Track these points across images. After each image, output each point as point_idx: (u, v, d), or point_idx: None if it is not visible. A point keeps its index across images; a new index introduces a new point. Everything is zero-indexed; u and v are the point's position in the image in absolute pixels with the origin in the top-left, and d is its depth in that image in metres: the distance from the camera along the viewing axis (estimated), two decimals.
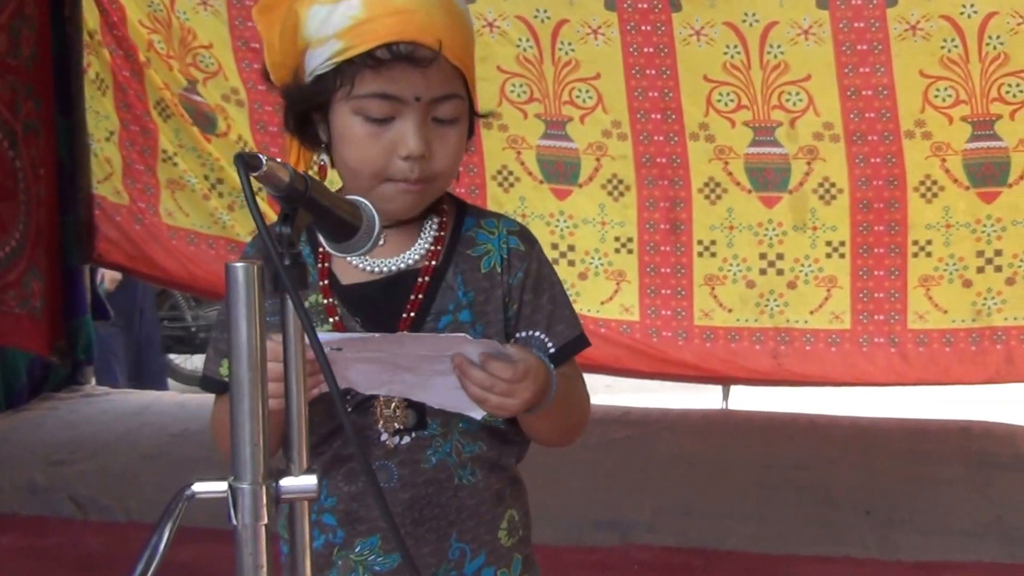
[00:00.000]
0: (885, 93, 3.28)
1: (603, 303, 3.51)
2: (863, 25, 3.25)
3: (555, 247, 3.51)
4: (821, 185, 3.39)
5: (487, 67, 3.34)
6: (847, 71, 3.29)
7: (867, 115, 3.31)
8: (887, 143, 3.32)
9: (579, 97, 3.44)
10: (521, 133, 3.50)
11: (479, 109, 1.31)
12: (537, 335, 1.30)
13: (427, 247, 1.28)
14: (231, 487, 0.86)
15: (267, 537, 0.86)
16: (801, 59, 3.30)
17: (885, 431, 3.37)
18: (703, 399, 4.05)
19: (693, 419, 3.52)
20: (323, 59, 1.20)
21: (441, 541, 1.29)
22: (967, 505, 2.85)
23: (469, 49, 1.25)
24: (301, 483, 0.89)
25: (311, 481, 0.89)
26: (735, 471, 3.07)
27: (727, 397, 3.85)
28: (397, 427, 1.26)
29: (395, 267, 1.27)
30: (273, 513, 0.87)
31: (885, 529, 2.76)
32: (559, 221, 3.53)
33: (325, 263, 1.29)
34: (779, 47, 3.30)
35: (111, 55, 3.79)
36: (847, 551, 2.69)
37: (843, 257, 3.39)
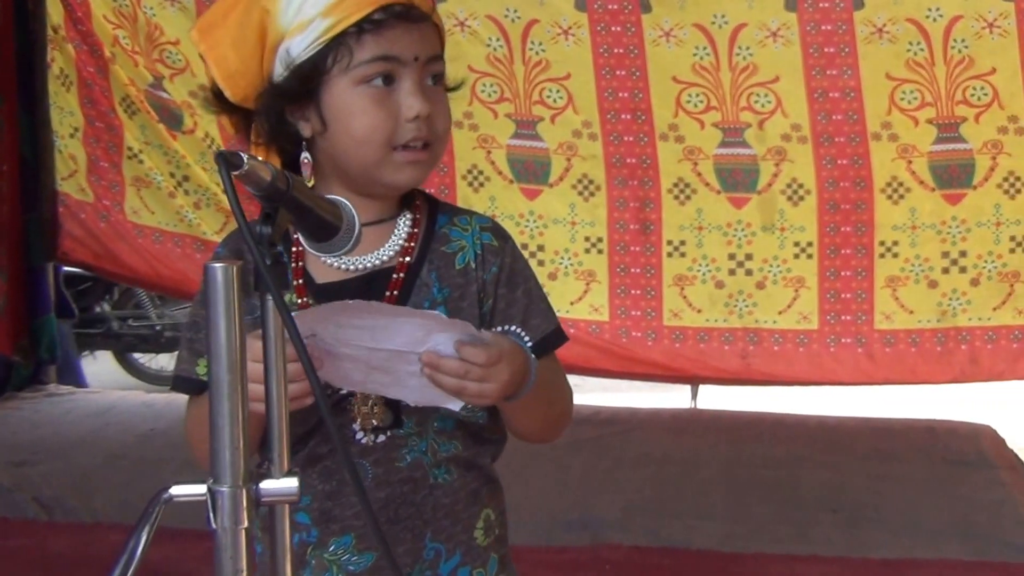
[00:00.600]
0: (852, 95, 3.27)
1: (573, 303, 3.47)
2: (831, 28, 3.25)
3: (525, 247, 3.46)
4: (789, 186, 3.37)
5: (458, 66, 3.25)
6: (815, 73, 3.28)
7: (834, 117, 3.30)
8: (854, 145, 3.31)
9: (549, 97, 3.40)
10: (491, 133, 3.45)
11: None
12: (513, 329, 1.28)
13: (401, 243, 1.26)
14: (211, 490, 0.84)
15: (247, 541, 0.85)
16: (770, 61, 3.29)
17: (852, 430, 3.36)
18: (671, 398, 4.02)
19: (662, 419, 3.49)
20: (310, 41, 1.18)
21: (416, 541, 1.27)
22: (933, 504, 2.84)
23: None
24: (282, 486, 0.87)
25: (292, 484, 0.87)
26: (704, 470, 3.05)
27: (695, 396, 3.83)
28: (375, 423, 1.24)
29: (369, 264, 1.25)
30: (253, 516, 0.86)
31: (852, 527, 2.74)
32: (529, 221, 3.49)
33: (299, 262, 1.27)
34: (748, 49, 3.29)
35: (76, 50, 3.70)
36: (815, 549, 2.67)
37: (811, 258, 3.38)
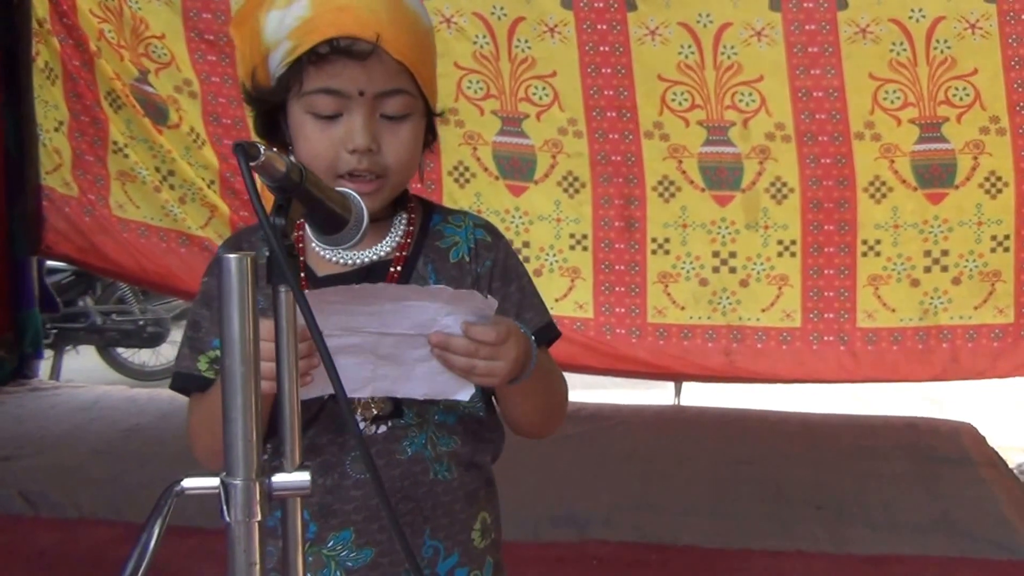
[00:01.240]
0: (836, 95, 3.24)
1: (557, 300, 3.42)
2: (814, 28, 3.21)
3: (510, 243, 3.41)
4: (773, 184, 3.33)
5: (444, 63, 3.20)
6: (799, 72, 3.24)
7: (818, 116, 3.26)
8: (837, 144, 3.27)
9: (535, 94, 3.35)
10: (477, 129, 3.40)
11: (436, 107, 1.28)
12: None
13: (398, 240, 1.27)
14: (223, 483, 0.83)
15: (260, 534, 0.83)
16: (754, 60, 3.25)
17: (834, 427, 3.33)
18: (655, 396, 3.98)
19: (646, 415, 3.45)
20: (278, 61, 1.20)
21: (415, 537, 1.25)
22: (915, 500, 2.81)
23: (418, 47, 1.22)
24: (294, 479, 0.86)
25: (304, 477, 0.87)
26: (688, 467, 3.01)
27: (679, 394, 3.79)
28: (375, 412, 1.23)
29: (367, 259, 1.26)
30: (266, 510, 0.84)
31: (835, 523, 2.71)
32: (514, 217, 3.44)
33: (300, 255, 1.26)
34: (732, 48, 3.25)
35: (61, 44, 3.64)
36: (799, 545, 2.63)
37: (794, 256, 3.34)
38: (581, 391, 3.94)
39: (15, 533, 2.68)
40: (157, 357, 5.31)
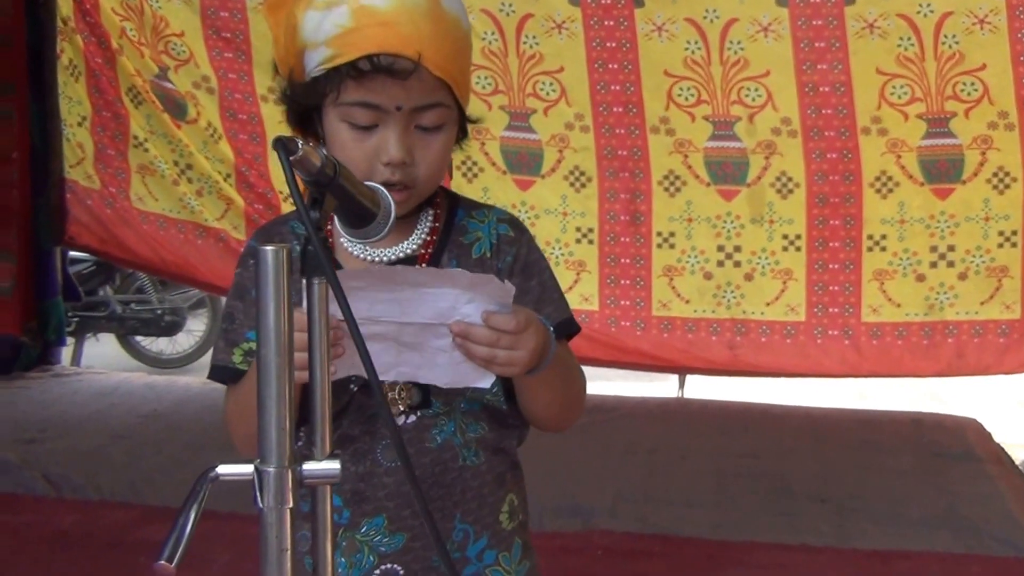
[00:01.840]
0: (842, 90, 3.14)
1: (563, 293, 3.35)
2: (821, 23, 3.12)
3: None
4: (779, 179, 3.24)
5: None
6: (805, 67, 3.14)
7: (824, 111, 3.16)
8: (844, 139, 3.17)
9: (543, 90, 3.28)
10: (485, 124, 3.32)
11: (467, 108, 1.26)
12: None
13: (423, 237, 1.26)
14: (257, 470, 0.83)
15: (292, 520, 0.83)
16: (760, 55, 3.15)
17: (838, 422, 3.23)
18: (659, 388, 3.90)
19: (650, 408, 3.37)
20: (315, 64, 1.18)
21: (445, 522, 1.24)
22: (919, 495, 2.71)
23: (458, 58, 1.20)
24: (324, 467, 0.87)
25: (334, 465, 0.87)
26: (692, 459, 2.93)
27: (683, 386, 3.71)
28: (402, 408, 1.22)
29: (394, 256, 1.25)
30: (298, 497, 0.84)
31: (839, 518, 2.62)
32: (521, 211, 3.37)
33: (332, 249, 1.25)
34: (739, 43, 3.16)
35: (84, 42, 3.62)
36: (803, 539, 2.54)
37: (799, 250, 3.25)
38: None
39: (39, 514, 2.68)
40: (174, 345, 5.26)
